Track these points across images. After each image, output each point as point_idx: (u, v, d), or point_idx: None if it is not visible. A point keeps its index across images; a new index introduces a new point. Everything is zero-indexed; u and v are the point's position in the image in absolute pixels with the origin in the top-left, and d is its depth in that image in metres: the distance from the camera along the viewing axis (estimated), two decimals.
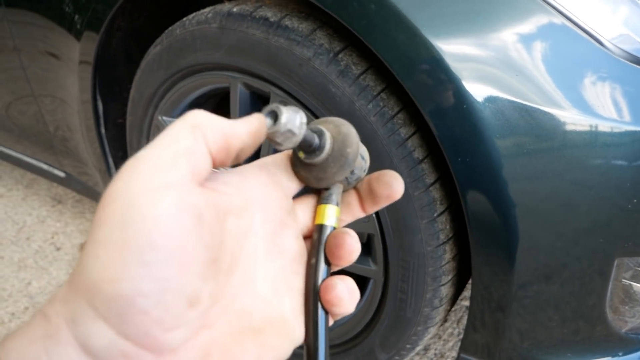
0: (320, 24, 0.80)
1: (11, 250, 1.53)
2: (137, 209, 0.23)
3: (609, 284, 0.75)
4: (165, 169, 0.24)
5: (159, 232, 0.23)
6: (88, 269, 0.23)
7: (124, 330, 0.23)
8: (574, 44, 0.67)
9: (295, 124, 0.29)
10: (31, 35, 1.16)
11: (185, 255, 0.24)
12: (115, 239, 0.23)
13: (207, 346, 0.26)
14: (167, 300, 0.23)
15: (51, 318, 0.23)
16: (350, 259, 0.31)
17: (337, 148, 0.31)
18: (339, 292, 0.30)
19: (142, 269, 0.23)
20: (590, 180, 0.70)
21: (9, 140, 1.55)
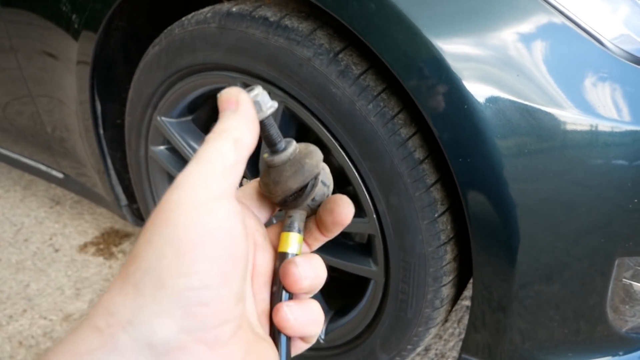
0: (320, 24, 0.80)
1: (9, 252, 1.52)
2: (202, 213, 0.26)
3: (610, 284, 0.75)
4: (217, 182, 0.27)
5: (222, 232, 0.26)
6: (154, 267, 0.25)
7: (187, 323, 0.25)
8: (575, 44, 0.67)
9: (264, 100, 0.31)
10: (28, 35, 1.15)
11: (237, 254, 0.27)
12: (183, 239, 0.25)
13: (248, 343, 0.28)
14: (224, 293, 0.26)
15: (103, 328, 0.24)
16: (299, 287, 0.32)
17: (298, 157, 0.33)
18: (283, 314, 0.32)
19: (208, 265, 0.25)
20: (591, 180, 0.70)
21: (6, 141, 1.54)
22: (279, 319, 0.31)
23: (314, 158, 0.33)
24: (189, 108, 1.04)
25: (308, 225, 0.36)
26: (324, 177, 0.35)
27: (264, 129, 0.32)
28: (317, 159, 0.34)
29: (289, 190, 0.33)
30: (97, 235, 1.56)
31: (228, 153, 0.28)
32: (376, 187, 0.80)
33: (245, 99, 0.30)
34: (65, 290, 1.39)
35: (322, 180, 0.34)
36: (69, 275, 1.44)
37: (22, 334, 1.26)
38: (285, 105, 0.85)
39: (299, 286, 0.32)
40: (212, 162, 0.27)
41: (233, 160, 0.28)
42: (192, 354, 0.25)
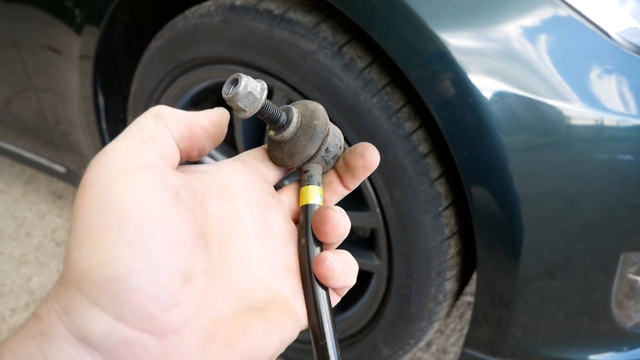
0: (325, 17, 0.80)
1: (11, 246, 1.52)
2: (113, 191, 0.24)
3: (615, 279, 0.74)
4: (135, 154, 0.25)
5: (138, 209, 0.24)
6: (74, 259, 0.23)
7: (121, 313, 0.23)
8: (582, 37, 0.66)
9: (255, 87, 0.30)
10: (31, 30, 1.15)
11: (167, 229, 0.24)
12: (95, 223, 0.23)
13: (211, 326, 0.25)
14: (159, 275, 0.23)
15: (43, 317, 0.23)
16: (336, 233, 0.31)
17: (305, 122, 0.33)
18: (329, 263, 0.30)
19: (128, 247, 0.23)
20: (596, 174, 0.69)
21: (8, 135, 1.54)
22: (325, 269, 0.30)
23: (320, 116, 0.33)
24: (192, 102, 1.03)
25: (325, 180, 0.35)
26: (333, 128, 0.34)
27: (263, 112, 0.31)
28: (324, 116, 0.33)
29: (307, 157, 0.33)
30: None
31: (147, 126, 0.26)
32: (380, 181, 0.80)
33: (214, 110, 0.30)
34: None
35: (332, 132, 0.34)
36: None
37: None
38: (288, 99, 0.85)
39: (337, 233, 0.31)
40: (129, 135, 0.26)
41: (152, 134, 0.26)
42: (139, 346, 0.23)
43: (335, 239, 0.31)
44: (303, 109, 0.34)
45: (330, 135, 0.34)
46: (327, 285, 0.31)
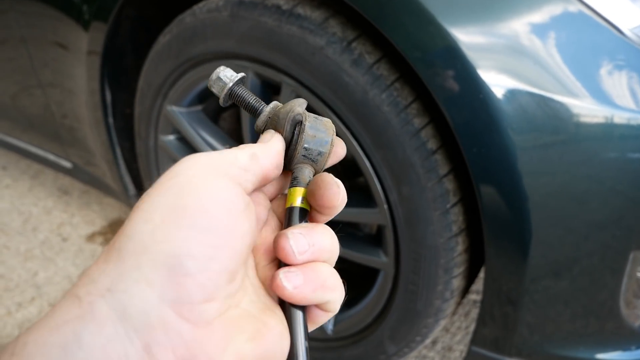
0: (333, 12, 0.80)
1: (17, 241, 1.53)
2: (198, 185, 0.25)
3: (624, 278, 0.74)
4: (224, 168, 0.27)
5: (217, 203, 0.25)
6: (139, 231, 0.24)
7: (168, 293, 0.23)
8: (593, 33, 0.66)
9: (226, 74, 0.33)
10: (39, 26, 1.15)
11: (234, 230, 0.26)
12: (172, 205, 0.25)
13: (238, 320, 0.26)
14: (213, 268, 0.24)
15: (83, 297, 0.23)
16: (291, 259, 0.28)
17: (276, 112, 0.33)
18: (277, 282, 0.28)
19: (195, 232, 0.24)
20: (605, 173, 0.69)
21: (15, 130, 1.55)
22: (275, 287, 0.28)
23: (288, 105, 0.33)
24: (199, 97, 1.03)
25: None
26: (314, 123, 0.33)
27: (237, 98, 0.33)
28: (291, 105, 0.33)
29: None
30: (104, 225, 1.57)
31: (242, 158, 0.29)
32: (388, 177, 0.79)
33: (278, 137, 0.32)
34: (73, 279, 1.40)
35: (311, 126, 0.32)
36: (77, 264, 1.44)
37: (31, 321, 1.27)
38: (296, 94, 0.84)
39: (292, 260, 0.28)
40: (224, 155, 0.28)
41: (244, 165, 0.28)
42: (175, 330, 0.23)
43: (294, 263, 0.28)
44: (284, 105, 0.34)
45: (307, 132, 0.32)
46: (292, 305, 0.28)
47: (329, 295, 0.29)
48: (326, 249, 0.29)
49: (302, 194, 0.32)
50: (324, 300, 0.29)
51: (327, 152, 0.33)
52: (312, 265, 0.29)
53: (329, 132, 0.33)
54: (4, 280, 1.39)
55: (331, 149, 0.33)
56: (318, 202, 0.30)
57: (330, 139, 0.33)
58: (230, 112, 1.13)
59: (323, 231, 0.30)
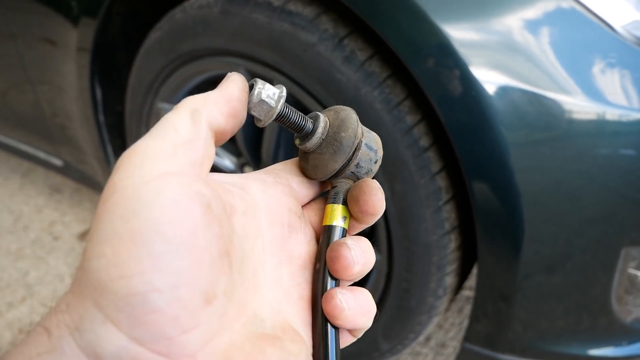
0: (325, 9, 0.79)
1: (8, 240, 1.51)
2: (141, 199, 0.22)
3: (616, 274, 0.74)
4: (167, 158, 0.23)
5: (168, 220, 0.22)
6: (93, 269, 0.21)
7: (137, 333, 0.21)
8: (585, 30, 0.66)
9: (270, 95, 0.28)
10: (27, 22, 1.14)
11: (196, 245, 0.22)
12: (120, 232, 0.21)
13: (227, 351, 0.23)
14: (182, 295, 0.22)
15: (52, 331, 0.22)
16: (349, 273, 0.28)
17: (332, 133, 0.30)
18: (338, 302, 0.27)
19: (153, 262, 0.21)
20: (597, 169, 0.69)
21: (5, 128, 1.53)
22: (332, 308, 0.26)
23: (349, 128, 0.30)
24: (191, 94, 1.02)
25: None
26: (368, 140, 0.31)
27: (283, 121, 0.29)
28: (353, 128, 0.30)
29: (331, 172, 0.30)
30: None
31: (182, 127, 0.24)
32: (380, 175, 0.79)
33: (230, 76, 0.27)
34: (65, 278, 1.39)
35: (366, 144, 0.30)
36: (69, 263, 1.43)
37: (21, 321, 1.26)
38: (288, 92, 0.84)
39: (350, 272, 0.27)
40: (162, 136, 0.24)
41: (188, 136, 0.24)
42: None
43: (349, 278, 0.28)
44: (333, 117, 0.31)
45: (363, 149, 0.30)
46: (335, 325, 0.27)
47: (368, 322, 0.28)
48: (370, 262, 0.29)
49: (342, 212, 0.30)
50: (364, 326, 0.28)
51: (374, 171, 0.31)
52: (362, 290, 0.28)
53: (379, 151, 0.31)
54: None
55: (378, 168, 0.31)
56: (362, 208, 0.29)
57: (379, 158, 0.31)
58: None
59: (368, 245, 0.29)
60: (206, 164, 0.25)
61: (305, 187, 0.32)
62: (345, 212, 0.30)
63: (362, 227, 0.31)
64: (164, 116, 0.25)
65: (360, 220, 0.30)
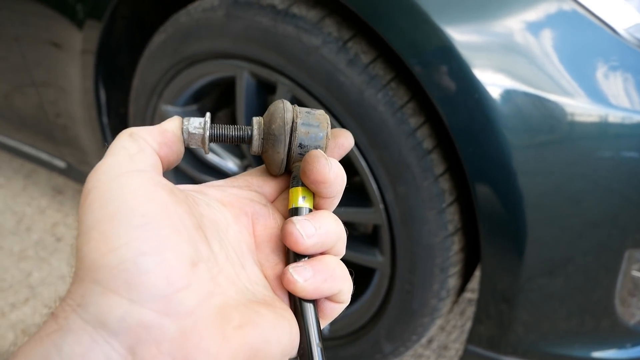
0: (329, 12, 0.79)
1: (11, 241, 1.51)
2: (113, 189, 0.26)
3: (619, 276, 0.74)
4: (127, 163, 0.27)
5: (140, 201, 0.25)
6: (85, 252, 0.24)
7: (135, 295, 0.23)
8: (588, 32, 0.66)
9: (195, 125, 0.31)
10: (33, 24, 1.14)
11: (170, 217, 0.26)
12: (101, 218, 0.25)
13: (224, 308, 0.26)
14: (168, 257, 0.24)
15: (58, 314, 0.24)
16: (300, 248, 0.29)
17: (266, 129, 0.32)
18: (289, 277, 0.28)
19: (136, 232, 0.24)
20: (600, 172, 0.69)
21: (8, 129, 1.54)
22: (286, 283, 0.28)
23: (277, 118, 0.31)
24: (194, 97, 1.03)
25: None
26: (306, 119, 0.32)
27: (221, 139, 0.32)
28: (280, 116, 0.31)
29: (280, 162, 0.32)
30: None
31: (128, 144, 0.28)
32: (384, 177, 0.79)
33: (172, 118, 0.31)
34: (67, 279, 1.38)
35: (303, 124, 0.32)
36: (72, 264, 1.43)
37: (24, 322, 1.26)
38: (292, 94, 0.84)
39: (302, 246, 0.29)
40: (116, 153, 0.28)
41: (136, 149, 0.28)
42: (156, 328, 0.23)
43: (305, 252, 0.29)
44: (265, 116, 0.32)
45: (300, 130, 0.32)
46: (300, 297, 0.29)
47: (339, 285, 0.29)
48: (332, 232, 0.30)
49: (303, 192, 0.31)
50: (334, 290, 0.29)
51: (323, 146, 0.32)
52: (320, 258, 0.29)
53: (322, 126, 0.32)
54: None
55: (327, 141, 0.32)
56: (310, 179, 0.30)
57: (325, 132, 0.32)
58: (225, 112, 1.13)
59: (327, 216, 0.30)
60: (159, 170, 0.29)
61: (269, 184, 0.34)
62: (305, 192, 0.31)
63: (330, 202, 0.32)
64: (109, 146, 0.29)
65: (319, 192, 0.31)
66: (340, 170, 0.30)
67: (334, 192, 0.31)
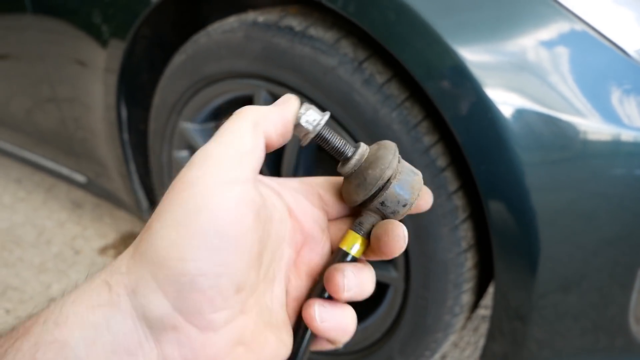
0: (345, 33, 0.82)
1: (31, 254, 1.55)
2: (210, 199, 0.26)
3: (633, 295, 0.75)
4: (234, 167, 0.27)
5: (228, 221, 0.26)
6: (157, 245, 0.26)
7: (180, 305, 0.26)
8: (599, 54, 0.68)
9: (308, 119, 0.31)
10: (59, 42, 1.19)
11: (244, 245, 0.27)
12: (187, 223, 0.26)
13: (242, 330, 0.28)
14: (221, 283, 0.26)
15: (113, 287, 0.26)
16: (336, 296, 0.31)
17: (364, 165, 0.32)
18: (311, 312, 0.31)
19: (208, 253, 0.26)
20: (613, 190, 0.70)
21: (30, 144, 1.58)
22: (306, 314, 0.31)
23: (378, 167, 0.31)
24: (213, 114, 1.06)
25: None
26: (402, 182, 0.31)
27: (322, 142, 0.32)
28: (382, 168, 0.31)
29: (354, 202, 0.32)
30: (117, 239, 1.59)
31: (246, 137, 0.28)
32: None
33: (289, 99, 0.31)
34: None
35: (398, 185, 0.31)
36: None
37: None
38: None
39: (339, 295, 0.31)
40: (230, 144, 0.28)
41: (251, 146, 0.28)
42: (184, 334, 0.26)
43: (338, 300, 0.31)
44: (373, 151, 0.32)
45: (391, 190, 0.31)
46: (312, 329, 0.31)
47: (341, 338, 0.32)
48: (367, 289, 0.32)
49: (359, 242, 0.32)
50: (338, 339, 0.32)
51: (402, 213, 0.32)
52: (344, 308, 0.32)
53: (413, 195, 0.31)
54: (18, 292, 1.41)
55: (409, 210, 0.32)
56: (382, 249, 0.31)
57: (412, 202, 0.32)
58: None
59: (370, 272, 0.32)
60: (258, 168, 0.30)
61: (338, 204, 0.35)
62: (361, 243, 0.32)
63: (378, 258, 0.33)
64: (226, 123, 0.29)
65: (378, 255, 0.32)
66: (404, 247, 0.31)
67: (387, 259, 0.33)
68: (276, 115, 0.30)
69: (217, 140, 0.28)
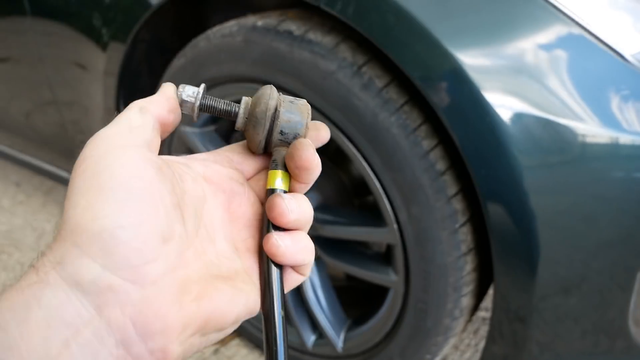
0: (344, 38, 0.82)
1: (30, 257, 1.55)
2: (107, 161, 0.28)
3: (632, 297, 0.75)
4: (124, 136, 0.30)
5: (128, 175, 0.28)
6: (70, 216, 0.27)
7: (108, 262, 0.26)
8: (597, 58, 0.68)
9: (188, 93, 0.34)
10: (58, 46, 1.19)
11: (152, 194, 0.28)
12: (90, 187, 0.28)
13: (185, 281, 0.29)
14: (143, 232, 0.27)
15: (39, 268, 0.27)
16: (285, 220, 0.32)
17: (251, 110, 0.34)
18: (274, 241, 0.32)
19: (118, 206, 0.27)
20: (611, 193, 0.70)
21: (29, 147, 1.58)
22: (269, 246, 0.32)
23: (262, 103, 0.34)
24: (212, 118, 1.06)
25: None
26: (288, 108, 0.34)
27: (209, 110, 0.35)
28: (265, 102, 0.34)
29: (258, 143, 0.35)
30: None
31: (134, 117, 0.31)
32: (398, 198, 0.81)
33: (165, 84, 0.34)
34: None
35: (286, 112, 0.34)
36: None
37: None
38: None
39: (286, 219, 0.32)
40: (119, 124, 0.30)
41: (139, 122, 0.31)
42: (122, 292, 0.26)
43: (287, 225, 0.32)
44: (253, 98, 0.35)
45: (282, 117, 0.34)
46: (276, 262, 0.32)
47: (308, 257, 0.33)
48: (307, 212, 0.33)
49: (280, 175, 0.34)
50: (305, 261, 0.33)
51: (302, 134, 0.35)
52: (296, 231, 0.33)
53: (303, 115, 0.35)
54: None
55: (306, 130, 0.35)
56: (297, 164, 0.33)
57: (305, 122, 0.34)
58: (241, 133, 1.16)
59: (304, 198, 0.34)
60: (155, 145, 0.31)
61: (249, 161, 0.37)
62: (282, 176, 0.34)
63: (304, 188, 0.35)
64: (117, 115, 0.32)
65: (299, 177, 0.34)
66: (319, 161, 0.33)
67: (311, 179, 0.34)
68: (158, 96, 0.33)
69: (108, 125, 0.31)
